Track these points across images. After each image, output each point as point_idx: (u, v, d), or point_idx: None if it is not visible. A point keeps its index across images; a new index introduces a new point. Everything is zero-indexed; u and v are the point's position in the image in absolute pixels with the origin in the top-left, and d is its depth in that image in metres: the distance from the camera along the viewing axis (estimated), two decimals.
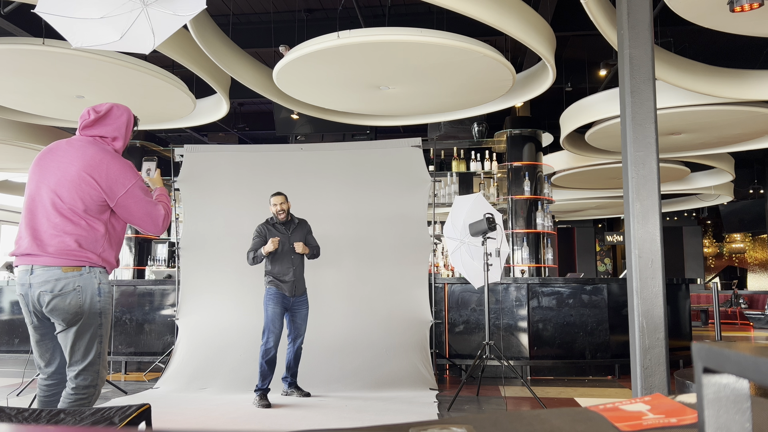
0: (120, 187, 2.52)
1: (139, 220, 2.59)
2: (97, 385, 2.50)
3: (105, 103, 2.68)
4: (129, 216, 2.58)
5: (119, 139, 2.66)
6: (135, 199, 2.55)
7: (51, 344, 2.53)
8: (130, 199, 2.54)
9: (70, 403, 2.43)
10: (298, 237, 4.81)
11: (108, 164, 2.52)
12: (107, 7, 3.27)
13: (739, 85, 5.95)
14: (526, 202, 8.04)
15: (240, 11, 6.68)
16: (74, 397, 2.44)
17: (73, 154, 2.53)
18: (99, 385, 2.51)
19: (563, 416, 0.66)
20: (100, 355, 2.50)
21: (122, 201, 2.53)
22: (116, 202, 2.52)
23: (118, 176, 2.52)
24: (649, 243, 3.23)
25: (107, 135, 2.63)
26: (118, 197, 2.52)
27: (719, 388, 0.46)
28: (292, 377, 4.89)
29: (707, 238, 17.51)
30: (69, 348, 2.45)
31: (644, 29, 3.34)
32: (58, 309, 2.42)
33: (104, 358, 2.53)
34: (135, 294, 6.42)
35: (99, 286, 2.49)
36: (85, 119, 2.61)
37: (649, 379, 3.11)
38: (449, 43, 4.55)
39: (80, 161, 2.50)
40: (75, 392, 2.44)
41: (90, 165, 2.49)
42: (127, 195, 2.53)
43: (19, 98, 6.05)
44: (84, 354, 2.45)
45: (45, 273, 2.42)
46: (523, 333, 5.91)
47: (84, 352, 2.45)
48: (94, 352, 2.47)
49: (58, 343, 2.52)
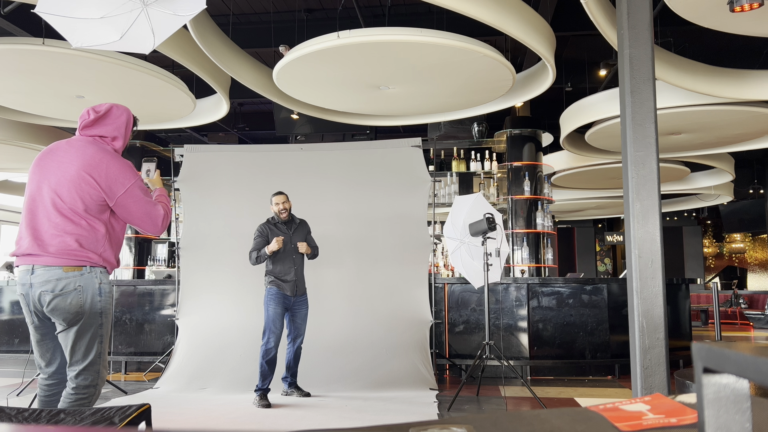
0: (119, 186, 2.52)
1: (138, 220, 2.59)
2: (98, 385, 2.50)
3: (105, 103, 2.69)
4: (128, 216, 2.57)
5: (119, 139, 2.66)
6: (134, 199, 2.55)
7: (52, 344, 2.53)
8: (129, 198, 2.54)
9: (70, 403, 2.43)
10: (299, 237, 4.82)
11: (108, 164, 2.52)
12: (107, 7, 3.27)
13: (739, 85, 5.95)
14: (526, 202, 8.04)
15: (240, 11, 6.68)
16: (74, 396, 2.44)
17: (73, 154, 2.53)
18: (99, 385, 2.51)
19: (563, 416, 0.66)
20: (100, 354, 2.50)
21: (121, 200, 2.53)
22: (115, 201, 2.52)
23: (118, 176, 2.52)
24: (649, 243, 3.23)
25: (107, 135, 2.63)
26: (117, 197, 2.52)
27: (719, 388, 0.46)
28: (292, 377, 4.89)
29: (707, 238, 17.51)
30: (69, 348, 2.45)
31: (644, 29, 3.34)
32: (59, 309, 2.42)
33: (105, 358, 2.53)
34: (135, 294, 6.42)
35: (100, 286, 2.49)
36: (84, 119, 2.62)
37: (649, 379, 3.11)
38: (449, 43, 4.55)
39: (80, 161, 2.50)
40: (75, 392, 2.44)
41: (90, 164, 2.49)
42: (126, 194, 2.53)
43: (19, 98, 6.05)
44: (84, 354, 2.45)
45: (46, 273, 2.42)
46: (523, 333, 5.91)
47: (84, 351, 2.45)
48: (95, 352, 2.47)
49: (58, 343, 2.52)
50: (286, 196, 4.85)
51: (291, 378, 4.89)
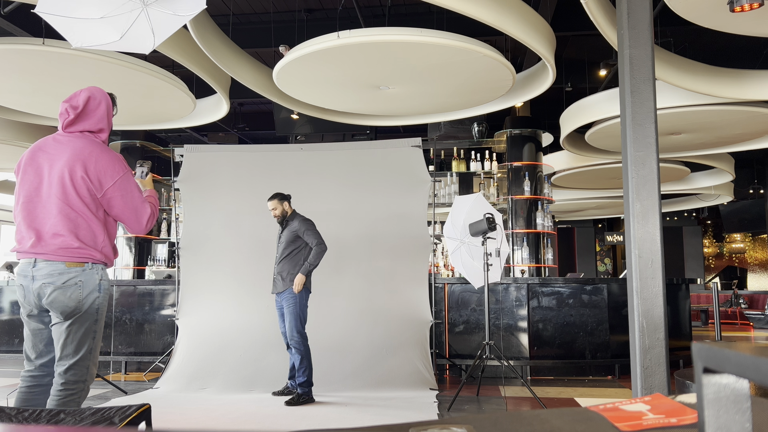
0: (108, 178, 2.51)
1: (123, 215, 2.56)
2: (86, 381, 2.49)
3: (78, 93, 2.60)
4: (114, 209, 2.55)
5: (104, 130, 2.63)
6: (122, 192, 2.53)
7: (44, 337, 2.52)
8: (117, 191, 2.52)
9: (59, 399, 2.43)
10: (284, 236, 4.81)
11: (97, 156, 2.51)
12: (107, 7, 3.27)
13: (739, 85, 5.95)
14: (526, 202, 8.04)
15: (240, 11, 6.68)
16: (63, 392, 2.43)
17: (62, 150, 2.51)
18: (88, 381, 2.51)
19: (563, 416, 0.66)
20: (91, 351, 2.49)
21: (110, 193, 2.51)
22: (104, 193, 2.51)
23: (107, 168, 2.51)
24: (649, 243, 3.23)
25: (93, 128, 2.60)
26: (105, 188, 2.50)
27: (719, 388, 0.46)
28: (290, 380, 4.88)
29: (707, 238, 17.51)
30: (62, 342, 2.45)
31: (644, 29, 3.34)
32: (58, 302, 2.42)
33: (95, 355, 2.52)
34: (135, 294, 6.42)
35: (100, 282, 2.50)
36: (65, 117, 2.57)
37: (649, 379, 3.11)
38: (449, 43, 4.55)
39: (70, 154, 2.49)
40: (64, 387, 2.43)
41: (79, 157, 2.48)
42: (115, 187, 2.52)
43: (19, 98, 6.05)
44: (76, 349, 2.45)
45: (48, 267, 2.43)
46: (523, 333, 5.91)
47: (76, 347, 2.45)
48: (86, 348, 2.47)
49: (51, 337, 2.51)
50: (277, 200, 4.81)
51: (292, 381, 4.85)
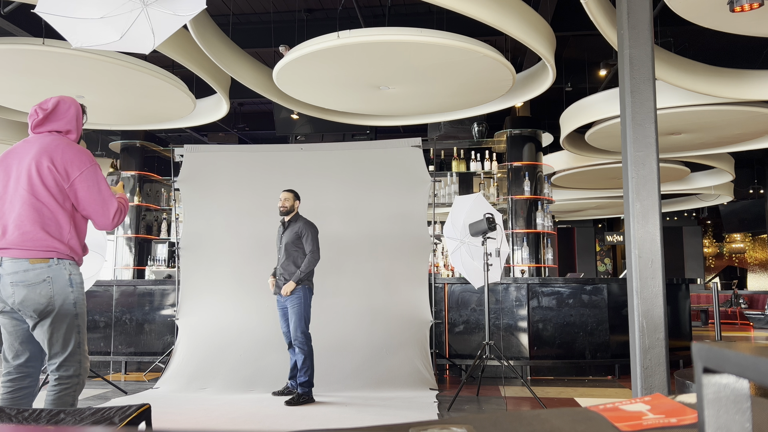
0: (75, 169, 2.53)
1: (90, 207, 2.57)
2: (80, 375, 2.51)
3: (50, 98, 2.68)
4: (82, 202, 2.55)
5: (72, 132, 2.68)
6: (89, 183, 2.55)
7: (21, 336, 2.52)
8: (84, 182, 2.54)
9: (55, 394, 2.44)
10: (286, 238, 4.80)
11: (63, 148, 2.55)
12: (107, 7, 3.27)
13: (739, 85, 5.95)
14: (526, 202, 8.04)
15: (240, 11, 6.68)
16: (59, 388, 2.45)
17: (30, 147, 2.56)
18: (82, 374, 2.52)
19: (563, 416, 0.66)
20: (79, 345, 2.51)
21: (77, 183, 2.53)
22: (71, 183, 2.52)
23: (74, 159, 2.54)
24: (649, 243, 3.23)
25: (60, 129, 2.65)
26: (72, 178, 2.52)
27: (719, 388, 0.46)
28: (291, 380, 4.88)
29: (707, 238, 17.51)
30: (47, 341, 2.46)
31: (644, 29, 3.34)
32: (29, 299, 2.42)
33: (84, 348, 2.54)
34: (135, 294, 6.42)
35: (70, 278, 2.50)
36: (34, 118, 2.62)
37: (649, 379, 3.11)
38: (449, 43, 4.55)
39: (37, 149, 2.53)
40: (59, 383, 2.45)
41: (46, 150, 2.52)
42: (82, 177, 2.53)
43: (20, 98, 6.05)
44: (63, 346, 2.46)
45: (14, 264, 2.43)
46: (523, 333, 5.91)
47: (63, 343, 2.46)
48: (74, 343, 2.49)
49: (29, 335, 2.52)
50: (292, 195, 4.84)
51: (293, 381, 4.84)
